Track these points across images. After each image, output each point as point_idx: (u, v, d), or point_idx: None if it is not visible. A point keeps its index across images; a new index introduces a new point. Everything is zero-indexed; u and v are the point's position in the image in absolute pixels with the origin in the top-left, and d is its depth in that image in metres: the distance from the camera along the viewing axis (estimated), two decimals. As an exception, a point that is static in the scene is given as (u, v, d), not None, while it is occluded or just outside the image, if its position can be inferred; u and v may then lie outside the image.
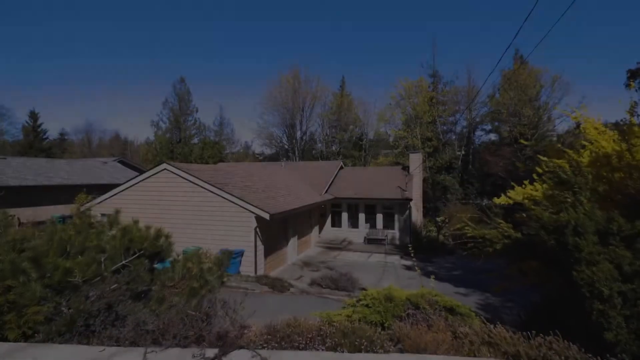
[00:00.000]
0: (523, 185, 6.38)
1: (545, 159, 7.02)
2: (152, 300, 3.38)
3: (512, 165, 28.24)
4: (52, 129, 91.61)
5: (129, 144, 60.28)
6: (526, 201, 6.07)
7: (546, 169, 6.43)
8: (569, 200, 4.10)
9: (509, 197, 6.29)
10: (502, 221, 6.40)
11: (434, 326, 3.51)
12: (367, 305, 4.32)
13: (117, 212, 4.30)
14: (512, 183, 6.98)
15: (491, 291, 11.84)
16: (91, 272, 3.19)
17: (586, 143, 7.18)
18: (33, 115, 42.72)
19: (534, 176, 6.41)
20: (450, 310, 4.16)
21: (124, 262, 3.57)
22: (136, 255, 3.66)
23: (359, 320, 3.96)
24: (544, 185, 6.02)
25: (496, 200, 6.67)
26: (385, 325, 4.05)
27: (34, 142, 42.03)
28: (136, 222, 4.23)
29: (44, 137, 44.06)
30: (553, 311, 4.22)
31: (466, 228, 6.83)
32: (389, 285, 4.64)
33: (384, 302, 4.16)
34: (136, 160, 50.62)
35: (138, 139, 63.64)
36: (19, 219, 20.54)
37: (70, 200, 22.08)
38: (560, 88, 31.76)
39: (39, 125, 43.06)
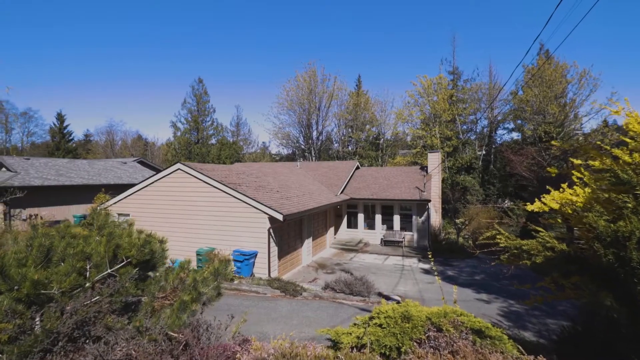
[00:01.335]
0: (561, 190, 5.66)
1: (578, 161, 6.30)
2: (139, 314, 3.04)
3: (537, 165, 26.82)
4: (76, 129, 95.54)
5: (149, 144, 61.71)
6: (566, 209, 5.34)
7: (585, 174, 5.69)
8: (630, 205, 3.45)
9: (544, 204, 5.58)
10: (542, 230, 5.68)
11: (460, 353, 2.99)
12: (380, 325, 3.79)
13: (107, 214, 4.00)
14: (548, 187, 6.24)
15: (515, 298, 11.10)
16: (69, 283, 2.87)
17: (629, 140, 6.44)
18: (60, 117, 44.01)
19: (574, 179, 5.69)
20: (479, 332, 3.59)
21: (109, 271, 3.24)
22: (123, 263, 3.34)
23: (371, 344, 3.47)
24: (587, 189, 5.31)
25: (529, 207, 5.96)
26: (402, 350, 3.53)
27: (60, 144, 43.38)
28: (131, 224, 3.92)
29: (70, 138, 45.41)
30: (605, 339, 3.57)
31: (498, 237, 6.14)
32: (405, 302, 4.11)
33: (400, 322, 3.62)
34: (157, 161, 51.75)
35: (159, 140, 65.14)
36: (41, 218, 21.19)
37: (90, 199, 22.57)
38: (589, 84, 29.87)
39: (65, 127, 44.36)
